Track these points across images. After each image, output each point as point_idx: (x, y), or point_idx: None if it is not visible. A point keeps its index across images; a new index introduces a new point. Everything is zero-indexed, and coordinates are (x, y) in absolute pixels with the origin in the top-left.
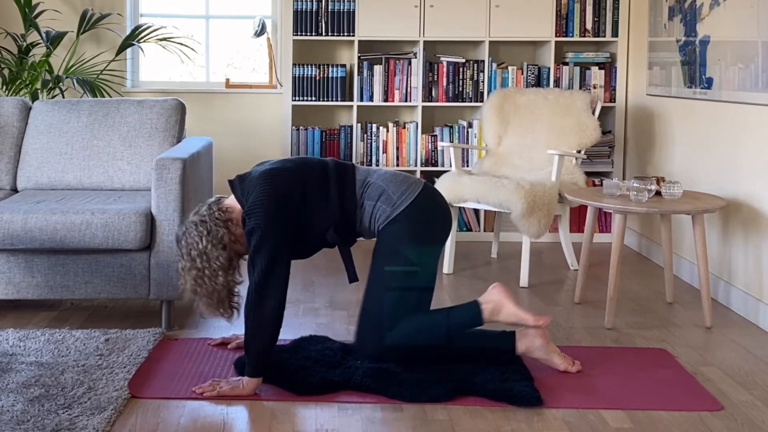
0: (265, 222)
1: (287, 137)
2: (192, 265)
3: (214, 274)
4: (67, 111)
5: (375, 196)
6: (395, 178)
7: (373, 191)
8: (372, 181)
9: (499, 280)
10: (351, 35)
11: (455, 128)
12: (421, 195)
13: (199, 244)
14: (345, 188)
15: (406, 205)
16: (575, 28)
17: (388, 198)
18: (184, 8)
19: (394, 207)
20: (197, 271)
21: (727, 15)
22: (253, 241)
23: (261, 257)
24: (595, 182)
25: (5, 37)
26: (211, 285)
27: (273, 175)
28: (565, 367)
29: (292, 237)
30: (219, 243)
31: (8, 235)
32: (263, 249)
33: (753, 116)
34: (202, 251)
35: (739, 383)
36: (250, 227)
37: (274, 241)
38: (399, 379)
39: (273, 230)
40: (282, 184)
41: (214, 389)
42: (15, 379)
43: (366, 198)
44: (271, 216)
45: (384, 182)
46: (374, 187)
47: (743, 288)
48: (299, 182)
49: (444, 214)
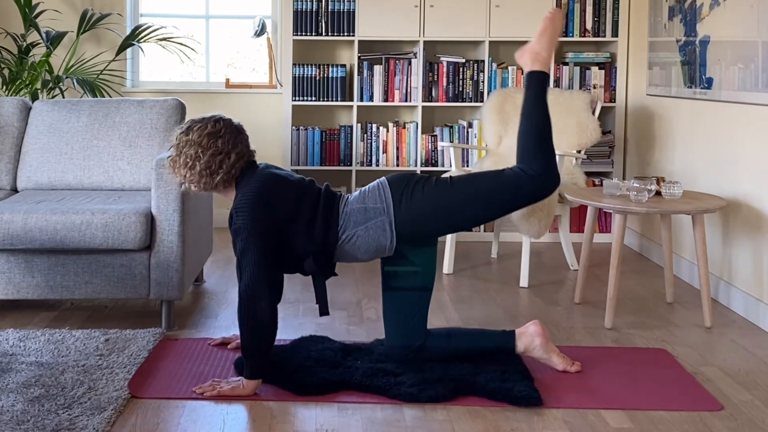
0: (252, 224)
1: (287, 137)
2: (190, 163)
3: (214, 169)
4: (67, 111)
5: (361, 219)
6: (363, 193)
7: (357, 216)
8: (349, 209)
9: (499, 280)
10: (351, 35)
11: (455, 128)
12: (393, 183)
13: (197, 158)
14: (329, 222)
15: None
16: (575, 28)
17: (374, 210)
18: (184, 8)
19: (387, 213)
20: (192, 161)
21: (727, 15)
22: (239, 243)
23: (247, 260)
24: (595, 182)
25: (5, 37)
26: (208, 176)
27: (272, 181)
28: (564, 366)
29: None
30: (216, 153)
31: (8, 235)
32: (249, 252)
33: (753, 116)
34: (202, 162)
35: (739, 383)
36: (237, 226)
37: (261, 244)
38: (399, 379)
39: (259, 233)
40: (277, 193)
41: (214, 389)
42: (15, 379)
43: (353, 226)
44: (258, 220)
45: (359, 203)
46: (355, 213)
47: (743, 288)
48: (294, 199)
49: (418, 177)
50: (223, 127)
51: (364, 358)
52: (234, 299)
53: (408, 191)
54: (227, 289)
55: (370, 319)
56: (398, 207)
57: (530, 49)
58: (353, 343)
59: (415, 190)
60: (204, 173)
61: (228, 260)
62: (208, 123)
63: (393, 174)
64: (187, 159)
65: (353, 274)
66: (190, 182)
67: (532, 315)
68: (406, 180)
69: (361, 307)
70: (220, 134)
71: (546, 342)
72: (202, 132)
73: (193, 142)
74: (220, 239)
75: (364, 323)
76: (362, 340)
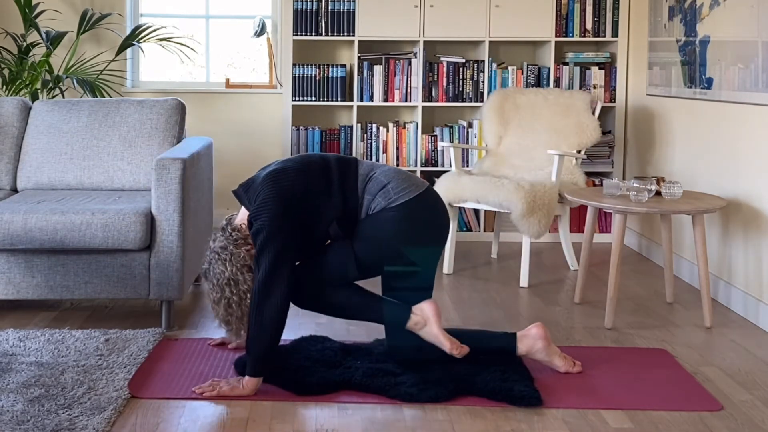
0: (270, 223)
1: (287, 137)
2: (222, 295)
3: (244, 296)
4: (67, 111)
5: (374, 190)
6: (398, 174)
7: (374, 186)
8: (374, 176)
9: (499, 281)
10: (351, 35)
11: (455, 128)
12: (421, 196)
13: (225, 272)
14: (347, 182)
15: (401, 201)
16: (575, 28)
17: (386, 193)
18: (184, 8)
19: (389, 201)
20: (227, 300)
21: (727, 15)
22: (259, 241)
23: (265, 257)
24: (595, 182)
25: (5, 37)
26: (241, 310)
27: (276, 177)
28: (566, 368)
29: (298, 236)
30: (244, 265)
31: (8, 235)
32: (267, 249)
33: (753, 116)
34: (230, 278)
35: (739, 383)
36: (256, 228)
37: (280, 242)
38: (399, 379)
39: (278, 231)
40: (285, 185)
41: (214, 389)
42: (15, 379)
43: (366, 192)
44: (276, 217)
45: (386, 177)
46: (375, 182)
47: (743, 288)
48: (302, 180)
49: (439, 219)
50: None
51: (364, 358)
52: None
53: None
54: None
55: None
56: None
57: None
58: (353, 343)
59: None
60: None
61: None
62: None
63: (433, 191)
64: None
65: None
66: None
67: (532, 315)
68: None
69: None
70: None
71: (548, 345)
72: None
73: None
74: None
75: (364, 323)
76: (362, 340)
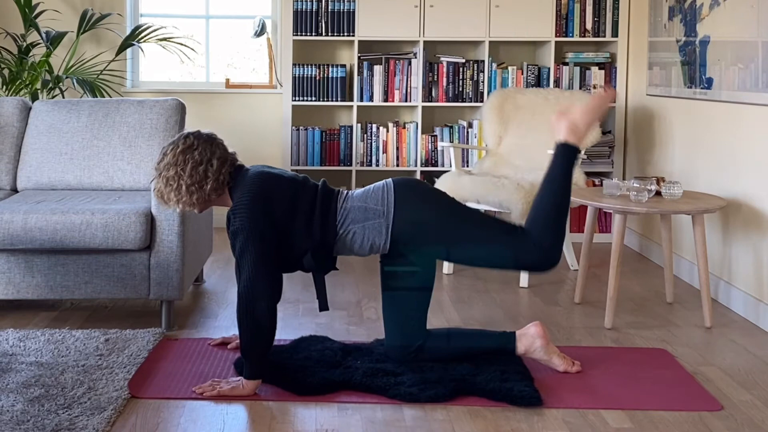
0: (250, 225)
1: (287, 137)
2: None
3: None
4: (67, 111)
5: (360, 218)
6: (367, 192)
7: (356, 214)
8: (349, 206)
9: (499, 280)
10: (351, 35)
11: (455, 128)
12: (398, 188)
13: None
14: (327, 217)
15: (393, 207)
16: (575, 28)
17: (374, 212)
18: (184, 8)
19: (386, 216)
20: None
21: (727, 15)
22: (238, 243)
23: (246, 261)
24: (595, 182)
25: (5, 37)
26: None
27: (266, 180)
28: (565, 368)
29: (275, 238)
30: (195, 182)
31: (8, 235)
32: (247, 252)
33: (753, 116)
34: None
35: (739, 383)
36: (235, 228)
37: (260, 245)
38: (399, 379)
39: (258, 234)
40: (273, 192)
41: (213, 389)
42: (15, 379)
43: (351, 223)
44: (257, 220)
45: (360, 201)
46: (354, 210)
47: (743, 288)
48: (290, 197)
49: (426, 187)
50: (195, 139)
51: (364, 358)
52: (234, 299)
53: (413, 201)
54: (227, 289)
55: (370, 319)
56: (399, 213)
57: (571, 120)
58: (353, 343)
59: (422, 206)
60: (192, 188)
61: (228, 260)
62: (178, 142)
63: (400, 178)
64: (170, 181)
65: (353, 274)
66: (183, 203)
67: (532, 315)
68: (413, 188)
69: (361, 307)
70: (193, 147)
71: (547, 344)
72: (176, 151)
73: (170, 164)
74: (220, 239)
75: (364, 323)
76: (362, 340)
